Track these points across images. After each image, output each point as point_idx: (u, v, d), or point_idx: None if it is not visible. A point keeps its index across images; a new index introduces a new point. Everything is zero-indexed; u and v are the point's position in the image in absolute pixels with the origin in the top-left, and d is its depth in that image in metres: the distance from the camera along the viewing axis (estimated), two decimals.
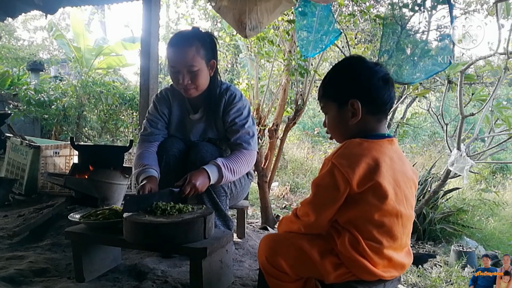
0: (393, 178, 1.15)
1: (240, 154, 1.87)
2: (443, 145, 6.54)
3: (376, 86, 1.19)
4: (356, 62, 1.26)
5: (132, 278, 1.74)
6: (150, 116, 2.01)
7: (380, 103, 1.20)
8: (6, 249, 2.08)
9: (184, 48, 1.78)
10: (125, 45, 8.67)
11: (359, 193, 1.12)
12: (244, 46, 4.83)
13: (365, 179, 1.10)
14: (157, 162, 1.87)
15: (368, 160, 1.12)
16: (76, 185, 2.45)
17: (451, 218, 3.93)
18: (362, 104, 1.18)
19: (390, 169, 1.15)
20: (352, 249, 1.13)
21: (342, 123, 1.22)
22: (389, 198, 1.13)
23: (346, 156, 1.13)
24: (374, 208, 1.13)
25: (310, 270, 1.19)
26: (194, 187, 1.67)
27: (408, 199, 1.20)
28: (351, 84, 1.21)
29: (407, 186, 1.20)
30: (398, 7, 2.51)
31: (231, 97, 1.93)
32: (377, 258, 1.15)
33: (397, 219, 1.16)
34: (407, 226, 1.20)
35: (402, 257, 1.22)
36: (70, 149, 3.45)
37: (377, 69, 1.22)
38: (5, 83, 7.33)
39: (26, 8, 3.86)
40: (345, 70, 1.26)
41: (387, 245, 1.16)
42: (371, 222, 1.13)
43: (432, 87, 4.99)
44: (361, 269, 1.15)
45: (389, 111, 1.26)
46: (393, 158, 1.18)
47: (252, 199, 5.00)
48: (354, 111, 1.19)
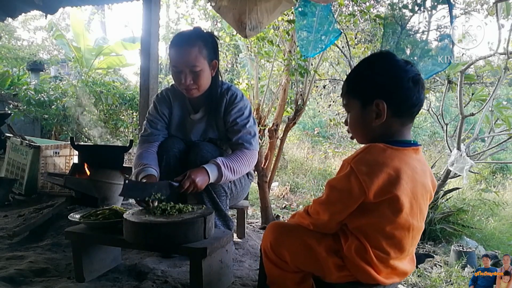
0: (411, 190, 1.09)
1: (241, 154, 1.87)
2: (443, 145, 6.54)
3: (405, 87, 1.10)
4: (385, 59, 1.16)
5: (132, 278, 1.74)
6: (150, 116, 2.01)
7: (408, 106, 1.12)
8: (6, 249, 2.08)
9: (187, 48, 1.78)
10: (125, 45, 8.66)
11: (374, 203, 1.07)
12: (244, 46, 4.83)
13: (383, 190, 1.05)
14: (157, 162, 1.87)
15: (389, 171, 1.06)
16: (76, 185, 2.45)
17: (451, 218, 3.93)
18: (388, 105, 1.10)
19: (411, 181, 1.09)
20: (358, 256, 1.11)
21: (365, 123, 1.15)
22: (403, 212, 1.08)
23: (366, 163, 1.07)
24: (387, 220, 1.09)
25: (312, 265, 1.19)
26: (193, 182, 1.67)
27: (422, 212, 1.16)
28: (378, 82, 1.12)
29: (424, 198, 1.15)
30: (398, 7, 2.51)
31: (232, 97, 1.93)
32: (382, 267, 1.14)
33: (408, 232, 1.12)
34: (416, 238, 1.18)
35: (405, 264, 1.21)
36: (70, 149, 3.45)
37: (407, 68, 1.12)
38: (5, 83, 7.32)
39: (26, 8, 3.85)
40: (372, 67, 1.16)
41: (394, 256, 1.14)
42: (382, 233, 1.10)
43: (432, 87, 4.99)
44: (364, 276, 1.13)
45: (416, 115, 1.18)
46: (415, 168, 1.12)
47: (252, 199, 5.00)
48: (379, 112, 1.11)
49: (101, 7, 15.01)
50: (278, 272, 1.24)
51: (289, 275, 1.23)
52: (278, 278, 1.25)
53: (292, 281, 1.23)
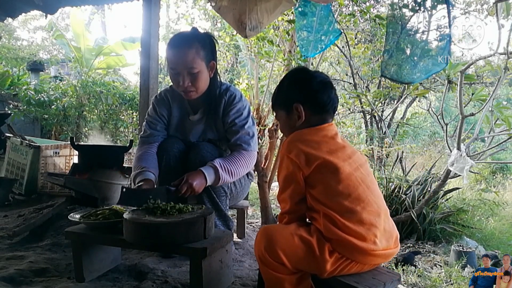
0: (335, 152, 1.29)
1: (238, 155, 1.87)
2: (443, 145, 6.54)
3: (314, 89, 1.35)
4: (296, 71, 1.48)
5: (132, 278, 1.74)
6: (149, 118, 2.01)
7: (321, 104, 1.35)
8: (6, 249, 2.08)
9: (184, 50, 1.77)
10: (125, 45, 8.66)
11: (313, 172, 1.25)
12: (244, 46, 4.83)
13: (310, 159, 1.25)
14: (156, 165, 1.87)
15: (310, 143, 1.29)
16: (76, 185, 2.45)
17: (451, 218, 3.93)
18: (304, 107, 1.35)
19: (334, 145, 1.31)
20: (333, 225, 1.20)
21: (291, 125, 1.39)
22: (340, 168, 1.24)
23: (292, 145, 1.31)
24: (331, 179, 1.24)
25: (308, 258, 1.22)
26: (190, 187, 1.68)
27: (361, 163, 1.33)
28: (293, 90, 1.38)
29: (352, 153, 1.34)
30: (398, 7, 2.51)
31: (231, 98, 1.93)
32: (360, 227, 1.20)
33: (357, 182, 1.26)
34: (371, 187, 1.29)
35: (386, 223, 1.27)
36: (70, 149, 3.45)
37: (316, 74, 1.39)
38: (5, 83, 7.32)
39: (26, 8, 3.85)
40: (287, 80, 1.43)
41: (361, 209, 1.22)
42: (335, 192, 1.23)
43: (432, 87, 4.99)
44: (350, 248, 1.19)
45: (333, 111, 1.40)
46: (334, 135, 1.35)
47: (252, 199, 5.00)
48: (299, 114, 1.35)
49: (101, 7, 15.00)
50: (275, 277, 1.26)
51: (286, 277, 1.25)
52: (276, 283, 1.27)
53: (290, 283, 1.25)
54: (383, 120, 5.49)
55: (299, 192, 1.30)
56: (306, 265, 1.24)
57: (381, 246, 1.22)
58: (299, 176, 1.27)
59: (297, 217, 1.34)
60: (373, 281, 1.22)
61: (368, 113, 5.72)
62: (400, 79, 2.52)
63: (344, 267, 1.21)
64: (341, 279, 1.23)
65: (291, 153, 1.28)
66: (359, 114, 6.04)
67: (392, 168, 4.61)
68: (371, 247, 1.19)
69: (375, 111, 5.11)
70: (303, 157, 1.26)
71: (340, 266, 1.21)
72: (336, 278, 1.23)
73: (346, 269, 1.22)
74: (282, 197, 1.35)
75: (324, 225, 1.22)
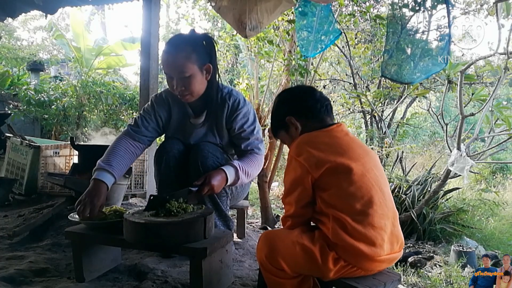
0: (346, 152, 1.27)
1: (253, 158, 1.89)
2: (443, 145, 6.53)
3: (298, 97, 1.42)
4: (280, 94, 1.53)
5: (132, 278, 1.74)
6: (145, 113, 1.96)
7: (309, 108, 1.39)
8: (6, 249, 2.08)
9: (174, 54, 1.75)
10: (125, 45, 8.65)
11: (323, 174, 1.22)
12: (244, 46, 4.83)
13: (320, 161, 1.23)
14: (125, 166, 1.80)
15: (319, 145, 1.28)
16: (76, 185, 2.44)
17: (451, 218, 3.93)
18: (296, 116, 1.39)
19: (345, 144, 1.30)
20: (342, 230, 1.17)
21: (294, 138, 1.40)
22: (352, 167, 1.22)
23: (300, 148, 1.30)
24: (343, 180, 1.21)
25: (310, 266, 1.21)
26: (211, 187, 1.68)
27: (373, 160, 1.31)
28: (281, 109, 1.46)
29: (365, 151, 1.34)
30: (398, 7, 2.51)
31: (235, 103, 1.90)
32: (371, 231, 1.17)
33: (371, 183, 1.23)
34: (383, 190, 1.26)
35: (395, 227, 1.26)
36: (70, 149, 3.45)
37: (297, 88, 1.53)
38: (5, 83, 7.32)
39: (26, 8, 3.85)
40: (275, 105, 1.51)
41: (373, 213, 1.19)
42: (346, 194, 1.20)
43: (432, 87, 5.00)
44: (356, 255, 1.16)
45: (327, 111, 1.41)
46: (345, 135, 1.35)
47: (252, 199, 5.00)
48: (294, 125, 1.39)
49: (101, 7, 15.01)
50: (277, 281, 1.27)
51: (288, 281, 1.26)
52: (278, 286, 1.27)
53: (291, 286, 1.26)
54: (383, 120, 5.50)
55: (305, 196, 1.27)
56: (308, 272, 1.25)
57: (386, 251, 1.21)
58: (307, 179, 1.24)
59: (301, 222, 1.31)
60: (373, 281, 1.22)
61: (368, 113, 5.72)
62: (400, 79, 2.52)
63: (348, 274, 1.21)
64: (341, 279, 1.22)
65: (300, 156, 1.26)
66: (359, 114, 6.05)
67: (392, 168, 4.62)
68: (378, 252, 1.17)
69: (375, 111, 5.11)
70: (312, 161, 1.24)
71: (344, 274, 1.20)
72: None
73: (351, 275, 1.22)
74: (287, 200, 1.31)
75: (332, 229, 1.19)
